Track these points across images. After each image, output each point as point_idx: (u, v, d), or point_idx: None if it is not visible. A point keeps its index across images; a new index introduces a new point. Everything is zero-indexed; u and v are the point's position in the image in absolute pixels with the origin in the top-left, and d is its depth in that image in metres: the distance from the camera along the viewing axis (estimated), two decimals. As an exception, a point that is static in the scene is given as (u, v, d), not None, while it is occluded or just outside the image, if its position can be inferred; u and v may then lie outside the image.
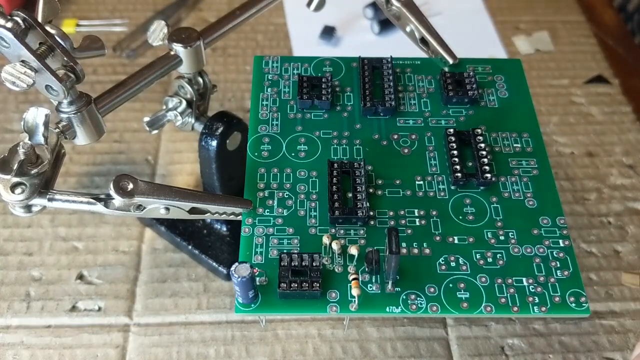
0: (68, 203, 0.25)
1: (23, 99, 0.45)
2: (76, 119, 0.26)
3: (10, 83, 0.23)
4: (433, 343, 0.33)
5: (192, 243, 0.36)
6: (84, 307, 0.34)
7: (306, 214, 0.25)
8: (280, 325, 0.34)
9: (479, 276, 0.24)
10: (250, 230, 0.24)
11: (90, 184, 0.40)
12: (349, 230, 0.25)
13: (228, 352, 0.33)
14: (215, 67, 0.48)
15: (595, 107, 0.46)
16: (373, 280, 0.23)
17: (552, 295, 0.23)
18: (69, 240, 0.37)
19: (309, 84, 0.29)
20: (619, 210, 0.39)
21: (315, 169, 0.26)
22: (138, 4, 0.53)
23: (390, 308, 0.23)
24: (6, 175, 0.24)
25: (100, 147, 0.42)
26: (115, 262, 0.36)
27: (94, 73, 0.47)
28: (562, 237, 0.25)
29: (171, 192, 0.24)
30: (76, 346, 0.33)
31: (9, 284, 0.35)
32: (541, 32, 0.51)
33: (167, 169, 0.41)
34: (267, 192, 0.26)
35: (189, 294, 0.35)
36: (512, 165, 0.27)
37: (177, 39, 0.29)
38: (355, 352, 0.33)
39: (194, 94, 0.32)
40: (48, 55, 0.24)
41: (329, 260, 0.24)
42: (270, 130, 0.28)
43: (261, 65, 0.30)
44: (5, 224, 0.38)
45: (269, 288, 0.23)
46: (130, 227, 0.38)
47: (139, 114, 0.44)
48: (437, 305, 0.23)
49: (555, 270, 0.24)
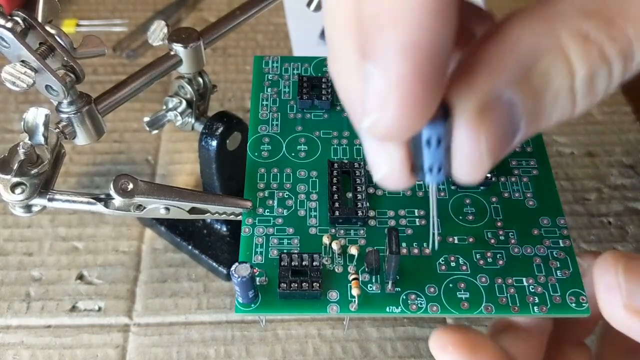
0: (68, 203, 0.25)
1: (23, 99, 0.45)
2: (76, 119, 0.26)
3: (10, 83, 0.23)
4: (433, 343, 0.33)
5: (192, 243, 0.36)
6: (84, 307, 0.34)
7: (306, 214, 0.25)
8: (280, 325, 0.34)
9: (479, 276, 0.24)
10: (250, 230, 0.24)
11: (90, 184, 0.40)
12: (349, 230, 0.25)
13: (228, 352, 0.33)
14: (215, 67, 0.48)
15: (595, 107, 0.46)
16: (373, 280, 0.23)
17: (552, 295, 0.23)
18: (69, 240, 0.37)
19: (309, 84, 0.29)
20: (619, 210, 0.39)
21: (315, 169, 0.26)
22: (138, 4, 0.53)
23: (390, 308, 0.23)
24: (6, 175, 0.24)
25: (100, 147, 0.42)
26: (115, 262, 0.36)
27: (94, 73, 0.47)
28: (562, 237, 0.25)
29: (171, 192, 0.25)
30: (76, 346, 0.33)
31: (9, 284, 0.35)
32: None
33: (167, 169, 0.41)
34: (267, 192, 0.26)
35: (189, 294, 0.35)
36: (512, 165, 0.27)
37: (177, 39, 0.29)
38: (355, 352, 0.33)
39: (194, 94, 0.32)
40: (48, 55, 0.24)
41: (329, 260, 0.24)
42: (270, 130, 0.28)
43: (261, 65, 0.30)
44: (5, 224, 0.38)
45: (269, 288, 0.23)
46: (130, 227, 0.38)
47: (139, 114, 0.44)
48: (437, 306, 0.23)
49: (555, 270, 0.24)
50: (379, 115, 0.14)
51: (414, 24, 0.13)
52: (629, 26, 0.15)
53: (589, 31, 0.15)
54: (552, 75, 0.15)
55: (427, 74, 0.14)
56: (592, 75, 0.15)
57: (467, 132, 0.15)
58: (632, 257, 0.20)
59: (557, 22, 0.15)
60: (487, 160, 0.16)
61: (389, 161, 0.17)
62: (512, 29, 0.15)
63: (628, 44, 0.15)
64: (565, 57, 0.15)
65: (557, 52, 0.15)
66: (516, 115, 0.15)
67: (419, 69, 0.14)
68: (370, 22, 0.14)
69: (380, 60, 0.14)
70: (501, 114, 0.15)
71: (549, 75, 0.15)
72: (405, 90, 0.14)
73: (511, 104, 0.15)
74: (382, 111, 0.14)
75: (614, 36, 0.15)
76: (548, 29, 0.15)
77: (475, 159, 0.15)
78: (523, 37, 0.15)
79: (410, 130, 0.15)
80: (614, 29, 0.15)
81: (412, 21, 0.13)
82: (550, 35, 0.15)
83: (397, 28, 0.14)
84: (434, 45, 0.14)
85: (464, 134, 0.15)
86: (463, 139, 0.15)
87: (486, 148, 0.15)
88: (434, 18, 0.14)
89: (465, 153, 0.15)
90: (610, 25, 0.15)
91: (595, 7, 0.15)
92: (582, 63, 0.15)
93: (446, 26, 0.14)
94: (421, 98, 0.14)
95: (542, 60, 0.15)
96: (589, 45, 0.15)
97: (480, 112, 0.15)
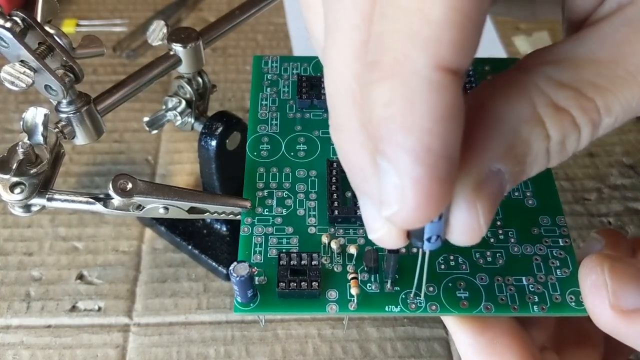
0: (67, 203, 0.25)
1: (23, 99, 0.45)
2: (75, 118, 0.26)
3: (10, 83, 0.23)
4: (433, 343, 0.33)
5: (192, 243, 0.36)
6: (84, 307, 0.34)
7: (305, 214, 0.25)
8: (280, 325, 0.34)
9: (478, 275, 0.24)
10: (249, 229, 0.24)
11: (90, 184, 0.40)
12: (348, 229, 0.25)
13: (228, 352, 0.33)
14: (215, 67, 0.48)
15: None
16: (372, 279, 0.23)
17: (551, 295, 0.23)
18: (69, 240, 0.37)
19: (308, 83, 0.29)
20: (619, 210, 0.39)
21: (315, 169, 0.26)
22: (138, 4, 0.53)
23: (389, 307, 0.23)
24: (5, 175, 0.24)
25: (100, 147, 0.42)
26: (115, 262, 0.36)
27: (94, 73, 0.47)
28: (561, 236, 0.25)
29: (170, 191, 0.25)
30: (76, 346, 0.33)
31: (9, 284, 0.35)
32: (541, 32, 0.51)
33: (167, 169, 0.41)
34: (266, 192, 0.26)
35: (189, 294, 0.35)
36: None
37: (177, 39, 0.29)
38: (355, 352, 0.33)
39: (194, 94, 0.32)
40: (47, 55, 0.24)
41: (328, 259, 0.24)
42: (270, 130, 0.28)
43: (260, 65, 0.30)
44: (5, 224, 0.38)
45: (268, 287, 0.23)
46: (130, 227, 0.38)
47: (139, 114, 0.44)
48: (436, 305, 0.23)
49: (555, 269, 0.24)
50: (398, 208, 0.15)
51: (426, 131, 0.14)
52: (597, 97, 0.17)
53: (561, 101, 0.17)
54: (531, 141, 0.17)
55: (441, 173, 0.15)
56: (564, 138, 0.17)
57: (466, 207, 0.17)
58: (618, 259, 0.21)
59: (533, 94, 0.17)
60: (484, 226, 0.17)
61: (386, 227, 0.18)
62: (494, 105, 0.17)
63: (596, 113, 0.17)
64: (542, 125, 0.17)
65: (535, 121, 0.17)
66: (504, 180, 0.17)
67: (434, 171, 0.14)
68: (382, 125, 0.15)
69: (394, 162, 0.15)
70: (493, 184, 0.17)
71: (529, 141, 0.17)
72: (421, 189, 0.15)
73: (500, 173, 0.17)
74: (400, 204, 0.15)
75: (585, 107, 0.17)
76: (526, 101, 0.17)
77: (474, 228, 0.17)
78: (505, 113, 0.17)
79: (429, 219, 0.16)
80: (584, 100, 0.17)
81: (423, 128, 0.14)
82: (528, 107, 0.17)
83: (409, 135, 0.14)
84: (446, 147, 0.14)
85: (463, 209, 0.17)
86: (462, 214, 0.17)
87: (483, 217, 0.17)
88: (445, 123, 0.14)
89: (464, 225, 0.17)
90: (581, 96, 0.17)
91: (567, 79, 0.17)
92: (555, 130, 0.17)
93: (457, 128, 0.15)
94: (438, 194, 0.15)
95: (522, 129, 0.17)
96: (562, 114, 0.17)
97: (476, 189, 0.17)
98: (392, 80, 0.14)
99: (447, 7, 0.14)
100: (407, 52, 0.14)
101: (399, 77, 0.14)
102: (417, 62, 0.14)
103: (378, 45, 0.15)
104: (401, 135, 0.14)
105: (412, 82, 0.14)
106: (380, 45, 0.15)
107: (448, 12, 0.14)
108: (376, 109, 0.15)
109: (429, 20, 0.14)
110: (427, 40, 0.14)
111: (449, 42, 0.14)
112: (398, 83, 0.14)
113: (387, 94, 0.14)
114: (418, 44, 0.14)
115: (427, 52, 0.14)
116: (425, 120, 0.14)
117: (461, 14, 0.14)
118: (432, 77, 0.14)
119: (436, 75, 0.14)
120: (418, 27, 0.14)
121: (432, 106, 0.14)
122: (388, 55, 0.14)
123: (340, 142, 0.17)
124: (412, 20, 0.14)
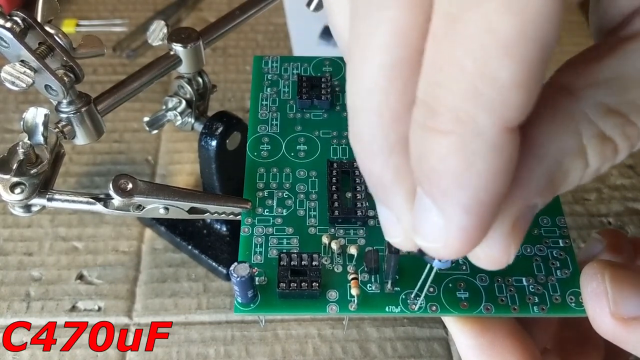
0: (67, 203, 0.25)
1: (23, 99, 0.45)
2: (75, 119, 0.26)
3: (10, 83, 0.23)
4: (433, 343, 0.33)
5: (192, 243, 0.36)
6: (84, 307, 0.34)
7: (305, 214, 0.25)
8: (280, 325, 0.34)
9: (478, 276, 0.24)
10: (249, 230, 0.24)
11: (90, 184, 0.40)
12: (348, 230, 0.25)
13: (228, 352, 0.33)
14: (215, 67, 0.48)
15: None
16: (372, 280, 0.23)
17: (552, 295, 0.23)
18: (69, 240, 0.37)
19: (308, 83, 0.29)
20: (619, 211, 0.39)
21: (315, 169, 0.26)
22: (138, 4, 0.53)
23: (389, 308, 0.23)
24: (5, 175, 0.24)
25: (100, 147, 0.42)
26: (115, 262, 0.36)
27: (94, 73, 0.47)
28: (562, 236, 0.25)
29: (170, 191, 0.24)
30: (76, 346, 0.33)
31: (9, 284, 0.35)
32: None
33: (167, 169, 0.41)
34: (267, 192, 0.26)
35: (189, 294, 0.35)
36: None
37: (177, 39, 0.29)
38: (355, 352, 0.33)
39: (194, 94, 0.32)
40: (47, 55, 0.24)
41: (328, 260, 0.24)
42: (270, 130, 0.28)
43: (261, 65, 0.30)
44: (5, 224, 0.38)
45: (268, 288, 0.23)
46: (130, 227, 0.38)
47: (139, 114, 0.44)
48: (436, 305, 0.23)
49: (555, 270, 0.24)
50: (437, 246, 0.15)
51: (482, 188, 0.14)
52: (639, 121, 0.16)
53: (608, 130, 0.16)
54: (570, 172, 0.16)
55: (488, 222, 0.15)
56: (601, 166, 0.16)
57: (500, 244, 0.16)
58: (619, 266, 0.21)
59: (581, 124, 0.16)
60: (513, 257, 0.17)
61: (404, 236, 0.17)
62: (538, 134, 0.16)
63: (637, 138, 0.16)
64: (584, 156, 0.16)
65: (578, 152, 0.16)
66: (536, 210, 0.17)
67: (481, 222, 0.14)
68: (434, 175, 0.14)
69: (441, 208, 0.14)
70: (528, 219, 0.17)
71: (568, 173, 0.16)
72: (465, 236, 0.15)
73: (535, 207, 0.17)
74: (439, 244, 0.15)
75: (628, 134, 0.16)
76: (573, 131, 0.16)
77: (502, 261, 0.17)
78: (549, 144, 0.16)
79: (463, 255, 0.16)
80: (629, 126, 0.16)
81: (480, 186, 0.14)
82: (574, 138, 0.16)
83: (463, 191, 0.14)
84: (498, 198, 0.14)
85: (497, 245, 0.16)
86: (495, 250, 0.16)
87: (514, 250, 0.17)
88: (502, 178, 0.14)
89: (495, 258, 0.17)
90: (627, 122, 0.16)
91: (615, 102, 0.16)
92: (596, 160, 0.16)
93: (510, 178, 0.14)
94: (479, 238, 0.15)
95: (565, 161, 0.16)
96: (606, 144, 0.16)
97: (513, 227, 0.16)
98: (453, 138, 0.13)
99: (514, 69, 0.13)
100: (472, 113, 0.13)
101: (461, 137, 0.13)
102: (482, 125, 0.13)
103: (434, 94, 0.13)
104: (455, 189, 0.14)
105: (475, 144, 0.13)
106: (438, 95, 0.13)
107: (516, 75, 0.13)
108: (431, 159, 0.14)
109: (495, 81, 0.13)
110: (494, 102, 0.13)
111: (516, 104, 0.13)
112: (459, 142, 0.13)
113: (445, 149, 0.14)
114: (484, 106, 0.13)
115: (494, 115, 0.13)
116: (482, 180, 0.14)
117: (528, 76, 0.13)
118: (496, 139, 0.13)
119: (500, 137, 0.13)
120: (484, 88, 0.13)
121: (492, 165, 0.14)
122: (448, 110, 0.13)
123: (360, 152, 0.16)
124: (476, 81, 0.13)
